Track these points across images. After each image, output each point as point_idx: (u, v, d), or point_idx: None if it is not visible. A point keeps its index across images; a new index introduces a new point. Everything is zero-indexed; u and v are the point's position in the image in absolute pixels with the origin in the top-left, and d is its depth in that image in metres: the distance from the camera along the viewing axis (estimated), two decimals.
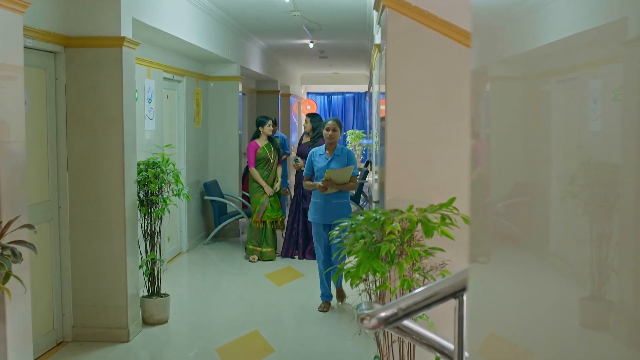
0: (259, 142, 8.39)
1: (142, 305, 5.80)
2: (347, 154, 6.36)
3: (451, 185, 3.73)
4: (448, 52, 3.68)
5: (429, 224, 3.29)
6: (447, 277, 2.27)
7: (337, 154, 6.36)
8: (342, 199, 6.30)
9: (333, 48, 13.30)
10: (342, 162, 6.29)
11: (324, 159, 6.35)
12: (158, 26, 6.23)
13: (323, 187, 6.13)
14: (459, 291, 2.27)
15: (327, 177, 6.09)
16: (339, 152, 6.39)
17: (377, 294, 3.46)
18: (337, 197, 6.27)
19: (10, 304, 3.55)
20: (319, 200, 6.29)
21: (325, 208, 6.27)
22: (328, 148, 6.39)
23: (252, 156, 8.36)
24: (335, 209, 6.23)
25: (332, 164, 6.29)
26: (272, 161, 8.40)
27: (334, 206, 6.26)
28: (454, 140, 3.76)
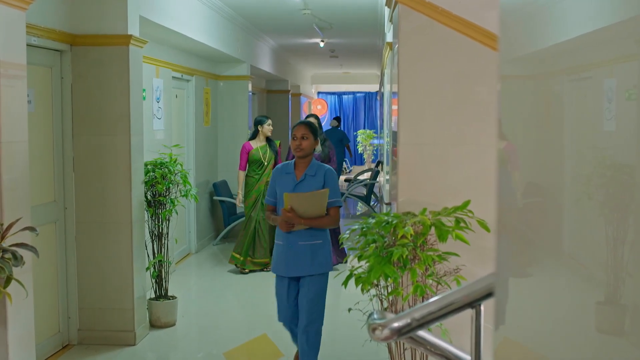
0: (254, 143, 7.75)
1: (149, 307, 5.71)
2: (325, 175, 4.36)
3: (466, 188, 3.61)
4: (463, 49, 3.56)
5: (443, 227, 3.17)
6: (463, 285, 2.15)
7: (311, 174, 4.36)
8: (316, 239, 4.35)
9: (344, 47, 13.20)
10: (316, 186, 4.33)
11: (291, 180, 4.38)
12: (166, 24, 6.14)
13: (285, 222, 4.28)
14: (476, 300, 2.16)
15: (287, 205, 4.21)
16: (314, 170, 4.37)
17: (389, 300, 3.35)
18: (308, 236, 4.33)
19: (11, 308, 3.46)
20: (281, 242, 4.42)
21: (290, 254, 4.35)
22: (298, 164, 4.42)
23: (244, 158, 7.73)
24: (305, 255, 4.33)
25: (302, 188, 4.33)
26: (267, 164, 7.67)
27: (304, 251, 4.33)
28: (468, 141, 3.64)
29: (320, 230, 4.38)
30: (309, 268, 4.35)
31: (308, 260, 4.34)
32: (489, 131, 3.62)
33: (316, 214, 4.26)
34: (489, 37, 3.48)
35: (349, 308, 3.66)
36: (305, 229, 4.31)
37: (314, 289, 4.36)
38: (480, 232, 3.35)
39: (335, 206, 4.35)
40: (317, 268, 4.35)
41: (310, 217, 4.26)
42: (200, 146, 8.99)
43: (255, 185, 7.68)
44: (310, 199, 4.23)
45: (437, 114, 3.65)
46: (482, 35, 3.49)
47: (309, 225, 4.28)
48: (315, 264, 4.35)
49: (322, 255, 4.39)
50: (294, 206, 4.20)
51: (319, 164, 4.47)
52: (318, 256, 4.37)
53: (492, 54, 3.52)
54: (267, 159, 7.71)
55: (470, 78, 3.61)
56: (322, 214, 4.28)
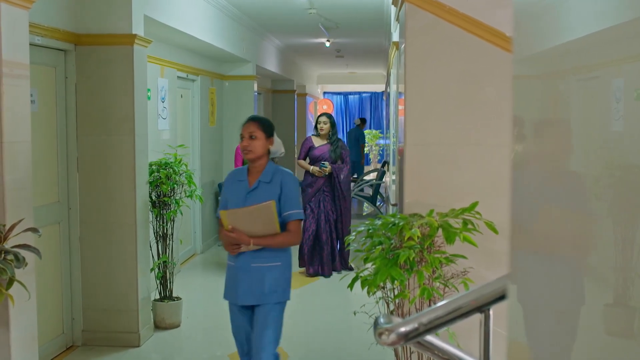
0: None
1: (153, 309, 5.68)
2: (283, 181, 3.66)
3: (473, 189, 3.56)
4: (471, 48, 3.51)
5: (451, 229, 3.12)
6: (471, 289, 2.11)
7: (265, 181, 3.67)
8: (272, 261, 3.66)
9: (349, 47, 13.15)
10: (270, 195, 3.63)
11: (243, 188, 3.70)
12: (171, 24, 6.10)
13: (230, 243, 3.63)
14: (485, 305, 2.11)
15: (226, 225, 3.55)
16: (269, 176, 3.68)
17: (395, 303, 3.30)
18: (262, 257, 3.63)
19: (14, 310, 3.43)
20: (232, 262, 3.78)
21: (241, 278, 3.70)
22: (251, 170, 3.75)
23: (239, 160, 7.57)
24: (258, 280, 3.64)
25: (255, 197, 3.63)
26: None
27: (257, 275, 3.64)
28: (476, 141, 3.59)
29: (278, 250, 3.66)
30: (262, 296, 3.62)
31: (262, 287, 3.62)
32: (497, 131, 3.57)
33: (268, 231, 3.54)
34: (497, 35, 3.43)
35: (355, 311, 3.62)
36: (256, 250, 3.60)
37: (269, 321, 3.65)
38: (488, 234, 3.30)
39: (294, 220, 3.62)
40: (272, 296, 3.64)
41: (261, 235, 3.55)
42: (205, 146, 8.95)
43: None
44: (253, 214, 3.51)
45: (444, 114, 3.60)
46: (490, 33, 3.43)
47: (260, 245, 3.56)
48: (271, 291, 3.63)
49: (280, 280, 3.67)
50: (235, 225, 3.51)
51: (277, 168, 3.73)
52: (275, 282, 3.65)
53: (500, 52, 3.47)
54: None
55: (478, 77, 3.56)
56: (274, 231, 3.55)
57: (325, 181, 7.57)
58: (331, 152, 7.55)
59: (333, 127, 7.64)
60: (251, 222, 3.52)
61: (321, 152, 7.59)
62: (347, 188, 7.65)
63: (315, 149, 7.62)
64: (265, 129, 3.73)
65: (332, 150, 7.55)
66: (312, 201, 7.57)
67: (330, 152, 7.55)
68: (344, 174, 7.58)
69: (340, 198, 7.60)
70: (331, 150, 7.55)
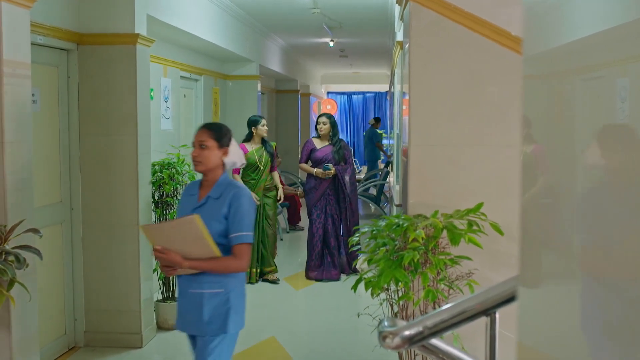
0: (250, 145, 7.21)
1: (156, 309, 5.65)
2: (232, 199, 3.17)
3: (478, 189, 3.53)
4: (475, 48, 3.47)
5: (455, 230, 3.09)
6: (477, 292, 2.07)
7: (214, 197, 3.22)
8: (213, 287, 3.18)
9: (353, 47, 13.11)
10: (217, 213, 3.17)
11: (192, 203, 3.30)
12: (174, 23, 6.08)
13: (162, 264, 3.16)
14: (490, 308, 2.08)
15: (151, 241, 3.17)
16: (219, 191, 3.22)
17: (399, 305, 3.26)
18: (202, 282, 3.17)
19: (15, 311, 3.40)
20: (178, 285, 3.39)
21: (181, 303, 3.30)
22: (203, 183, 3.34)
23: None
24: (196, 308, 3.17)
25: (203, 215, 3.12)
26: (263, 168, 7.18)
27: (196, 303, 3.18)
28: (480, 142, 3.56)
29: (221, 275, 3.16)
30: (200, 325, 3.16)
31: (200, 315, 3.15)
32: (502, 132, 3.54)
33: (204, 252, 3.07)
34: (503, 34, 3.39)
35: (359, 313, 3.58)
36: (196, 273, 3.16)
37: (206, 355, 3.17)
38: (493, 235, 3.27)
39: (240, 243, 3.13)
40: (210, 327, 3.15)
41: (197, 257, 3.08)
42: None
43: (252, 192, 7.13)
44: (177, 229, 3.03)
45: (448, 114, 3.57)
46: (495, 33, 3.40)
47: (194, 268, 3.10)
48: (209, 321, 3.14)
49: (221, 310, 3.15)
50: (161, 242, 3.08)
51: (229, 183, 3.25)
52: (214, 311, 3.15)
53: (505, 52, 3.43)
54: (264, 162, 7.21)
55: (483, 77, 3.52)
56: (211, 252, 3.06)
57: (330, 184, 7.37)
58: (334, 154, 7.36)
59: (334, 128, 7.45)
60: (180, 240, 3.05)
61: (323, 153, 7.39)
62: (352, 189, 7.46)
63: (317, 150, 7.43)
64: (218, 138, 3.28)
65: (334, 151, 7.36)
66: (317, 205, 7.39)
67: (333, 154, 7.37)
68: (348, 175, 7.40)
69: (346, 200, 7.39)
70: (334, 151, 7.36)
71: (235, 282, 3.24)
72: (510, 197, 3.52)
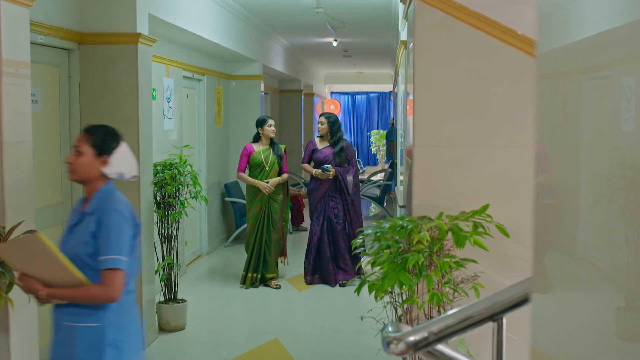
0: (257, 145, 7.07)
1: (158, 311, 5.61)
2: (102, 215, 2.74)
3: (483, 191, 3.47)
4: (481, 47, 3.42)
5: (461, 233, 3.03)
6: (483, 297, 2.02)
7: (89, 212, 2.80)
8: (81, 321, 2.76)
9: (357, 46, 13.07)
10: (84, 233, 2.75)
11: (73, 219, 2.89)
12: (176, 23, 6.04)
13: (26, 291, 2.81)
14: (498, 313, 2.03)
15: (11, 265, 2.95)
16: (94, 206, 2.80)
17: (403, 308, 3.21)
18: (71, 315, 2.78)
19: (14, 313, 3.36)
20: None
21: (54, 338, 2.90)
22: (86, 196, 2.89)
23: (244, 160, 7.02)
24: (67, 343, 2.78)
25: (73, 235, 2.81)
26: (269, 168, 6.96)
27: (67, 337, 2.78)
28: (486, 142, 3.50)
29: (96, 307, 2.72)
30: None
31: (72, 352, 2.73)
32: (508, 132, 3.48)
33: (66, 278, 2.62)
34: (509, 33, 3.33)
35: (362, 316, 3.53)
36: (66, 303, 2.74)
37: None
38: (498, 237, 3.21)
39: (107, 268, 2.67)
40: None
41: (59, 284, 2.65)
42: (211, 147, 8.88)
43: (258, 194, 6.97)
44: (24, 250, 2.62)
45: (453, 114, 3.51)
46: (502, 32, 3.34)
47: (54, 297, 2.70)
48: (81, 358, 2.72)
49: (95, 346, 2.72)
50: (18, 266, 2.70)
51: (106, 196, 2.80)
52: (87, 347, 2.72)
53: (512, 51, 3.38)
54: (270, 163, 6.98)
55: (489, 77, 3.47)
56: (74, 279, 2.62)
57: (331, 185, 7.13)
58: (334, 155, 7.12)
59: (333, 127, 7.17)
60: (35, 264, 2.62)
61: (324, 154, 7.17)
62: (355, 191, 7.24)
63: (319, 151, 7.23)
64: (96, 144, 2.81)
65: (335, 152, 7.12)
66: (317, 207, 7.20)
67: (334, 155, 7.12)
68: (350, 176, 7.16)
69: (348, 202, 7.16)
70: (334, 152, 7.12)
71: (115, 315, 2.75)
72: (516, 198, 3.46)
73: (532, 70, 3.39)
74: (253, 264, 7.04)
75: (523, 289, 1.97)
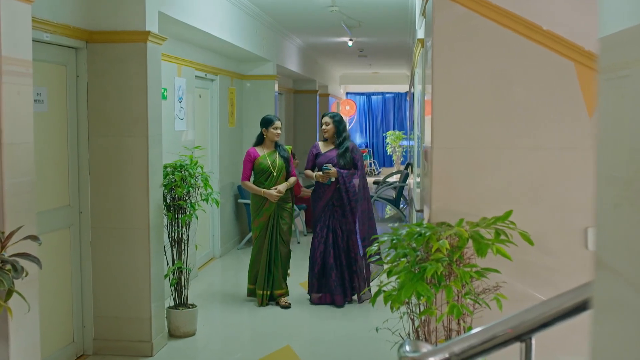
0: (261, 149, 6.39)
1: (167, 316, 5.47)
2: None
3: (506, 195, 3.29)
4: (505, 44, 3.24)
5: (482, 241, 2.85)
6: (509, 316, 1.84)
7: None
8: None
9: (373, 46, 12.89)
10: None
11: None
12: (187, 21, 5.89)
13: None
14: (525, 333, 1.85)
15: None
16: None
17: (420, 320, 3.04)
18: None
19: (14, 322, 3.22)
20: None
21: None
22: None
23: (248, 167, 6.36)
24: None
25: None
26: (277, 174, 6.33)
27: None
28: (508, 144, 3.32)
29: None
30: None
31: None
32: (532, 133, 3.30)
33: None
34: (534, 29, 3.15)
35: (377, 327, 3.36)
36: None
37: None
38: (522, 245, 3.03)
39: None
40: None
41: None
42: (224, 148, 8.75)
43: (266, 202, 6.32)
44: None
45: (474, 115, 3.33)
46: (527, 28, 3.16)
47: None
48: None
49: None
50: None
51: None
52: None
53: (537, 48, 3.19)
54: (277, 168, 6.34)
55: (513, 75, 3.29)
56: None
57: (334, 192, 6.37)
58: (339, 158, 6.37)
59: (339, 126, 6.43)
60: None
61: (328, 158, 6.43)
62: (356, 199, 6.34)
63: (322, 155, 6.49)
64: None
65: (339, 155, 6.37)
66: (321, 217, 6.45)
67: (338, 158, 6.37)
68: (354, 181, 6.32)
69: (348, 211, 6.35)
70: (339, 155, 6.38)
71: None
72: (541, 203, 3.28)
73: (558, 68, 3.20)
74: (261, 280, 6.39)
75: (556, 305, 1.79)
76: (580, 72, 3.17)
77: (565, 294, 1.81)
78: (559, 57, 3.16)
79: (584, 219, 3.22)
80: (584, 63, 3.15)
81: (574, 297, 1.80)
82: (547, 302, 1.82)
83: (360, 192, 6.39)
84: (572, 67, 3.18)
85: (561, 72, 3.20)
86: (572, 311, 1.79)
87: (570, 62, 3.17)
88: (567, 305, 1.79)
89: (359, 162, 6.43)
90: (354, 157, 6.41)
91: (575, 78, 3.18)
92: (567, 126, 3.25)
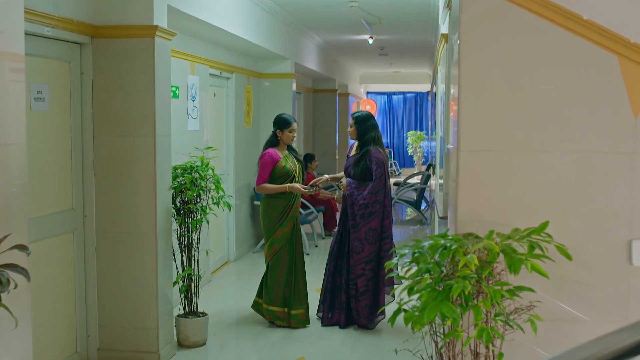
0: (279, 151, 5.78)
1: (176, 325, 5.22)
2: None
3: (540, 204, 2.98)
4: (540, 36, 2.93)
5: (515, 256, 2.55)
6: (550, 357, 1.52)
7: None
8: None
9: (394, 44, 12.58)
10: None
11: None
12: (199, 16, 5.63)
13: None
14: None
15: None
16: None
17: (445, 343, 2.73)
18: None
19: (2, 338, 2.97)
20: None
21: None
22: None
23: (267, 170, 5.64)
24: None
25: None
26: (298, 178, 5.74)
27: None
28: (544, 148, 3.01)
29: None
30: None
31: None
32: (569, 136, 2.99)
33: None
34: (574, 19, 2.84)
35: (396, 349, 3.07)
36: None
37: None
38: (559, 259, 2.72)
39: None
40: None
41: None
42: (240, 148, 8.49)
43: (290, 210, 5.66)
44: None
45: (505, 115, 3.02)
46: (565, 17, 2.85)
47: None
48: None
49: None
50: None
51: None
52: None
53: (576, 40, 2.88)
54: (298, 170, 5.78)
55: (547, 71, 2.97)
56: None
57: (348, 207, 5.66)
58: (354, 165, 5.59)
59: (361, 127, 5.63)
60: None
61: (347, 164, 5.75)
62: (362, 214, 5.51)
63: (348, 159, 5.80)
64: None
65: (355, 162, 5.59)
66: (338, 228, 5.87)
67: (353, 165, 5.61)
68: (363, 194, 5.50)
69: (351, 227, 5.57)
70: (355, 162, 5.60)
71: None
72: (579, 213, 2.97)
73: (600, 62, 2.89)
74: (284, 297, 5.73)
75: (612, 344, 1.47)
76: (625, 66, 2.85)
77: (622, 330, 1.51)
78: (600, 50, 2.85)
79: (628, 231, 2.89)
80: (628, 57, 2.83)
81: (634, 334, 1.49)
82: (599, 340, 1.51)
83: (371, 206, 5.51)
84: (616, 61, 2.86)
85: (603, 67, 2.88)
86: (631, 351, 1.48)
87: (613, 56, 2.86)
88: (626, 344, 1.48)
89: (376, 171, 5.49)
90: (371, 165, 5.50)
91: (619, 73, 2.86)
92: (609, 127, 2.94)
